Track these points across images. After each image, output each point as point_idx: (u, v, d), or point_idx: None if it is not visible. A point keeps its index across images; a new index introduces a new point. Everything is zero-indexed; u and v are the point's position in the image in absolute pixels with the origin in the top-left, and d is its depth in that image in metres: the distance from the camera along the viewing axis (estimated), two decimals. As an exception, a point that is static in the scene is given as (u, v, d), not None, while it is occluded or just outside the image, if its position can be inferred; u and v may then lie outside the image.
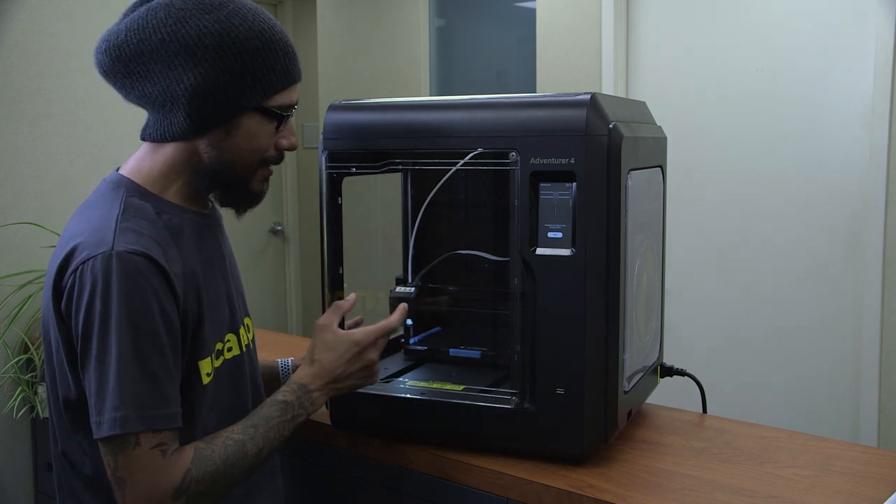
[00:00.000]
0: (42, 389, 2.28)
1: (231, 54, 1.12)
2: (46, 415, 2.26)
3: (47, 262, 2.53)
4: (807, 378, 2.84)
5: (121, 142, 2.60)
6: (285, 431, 1.21)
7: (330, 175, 1.42)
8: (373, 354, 1.29)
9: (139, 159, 1.21)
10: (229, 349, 1.25)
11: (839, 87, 2.73)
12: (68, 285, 1.09)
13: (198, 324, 1.16)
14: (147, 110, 1.19)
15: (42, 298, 1.19)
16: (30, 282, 2.30)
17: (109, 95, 1.23)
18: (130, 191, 1.17)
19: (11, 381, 2.31)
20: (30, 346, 2.30)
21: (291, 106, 1.21)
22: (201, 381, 1.17)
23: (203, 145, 1.17)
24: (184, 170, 1.19)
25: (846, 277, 2.75)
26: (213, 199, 1.26)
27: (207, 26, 1.11)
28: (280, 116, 1.19)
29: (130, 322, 1.05)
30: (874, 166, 2.62)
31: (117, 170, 1.23)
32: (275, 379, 1.48)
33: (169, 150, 1.18)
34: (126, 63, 1.15)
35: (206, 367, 1.18)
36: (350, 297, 1.37)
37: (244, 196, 1.24)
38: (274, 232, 4.72)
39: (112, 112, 2.57)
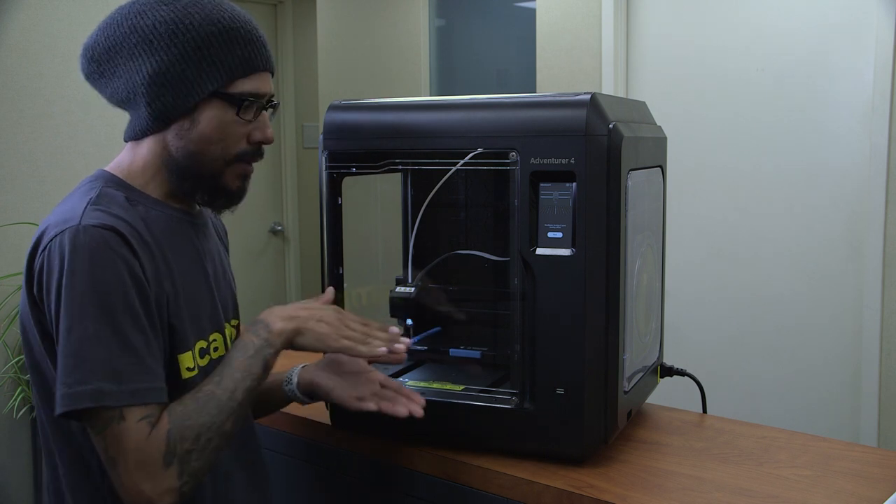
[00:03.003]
0: (42, 389, 2.28)
1: (184, 40, 1.13)
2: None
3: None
4: (807, 378, 2.84)
5: (121, 142, 2.60)
6: (255, 369, 1.16)
7: (330, 175, 1.42)
8: (330, 310, 1.26)
9: (121, 157, 1.23)
10: (215, 349, 1.23)
11: (839, 87, 2.73)
12: (38, 267, 1.08)
13: (173, 315, 1.14)
14: (125, 110, 1.21)
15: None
16: (30, 282, 2.30)
17: (109, 95, 1.24)
18: (108, 183, 1.17)
19: (11, 381, 2.32)
20: (30, 346, 2.30)
21: (259, 95, 1.18)
22: (181, 376, 1.15)
23: (170, 137, 1.17)
24: (160, 165, 1.19)
25: (846, 277, 2.75)
26: (196, 200, 1.24)
27: (164, 16, 1.13)
28: (239, 101, 1.16)
29: (102, 294, 1.04)
30: (874, 166, 2.62)
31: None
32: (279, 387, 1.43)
33: (145, 146, 1.19)
34: (98, 62, 1.17)
35: (186, 361, 1.16)
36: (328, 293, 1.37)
37: (218, 192, 1.20)
38: (274, 232, 4.72)
39: (112, 112, 2.55)
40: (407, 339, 1.30)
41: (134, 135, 1.19)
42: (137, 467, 1.03)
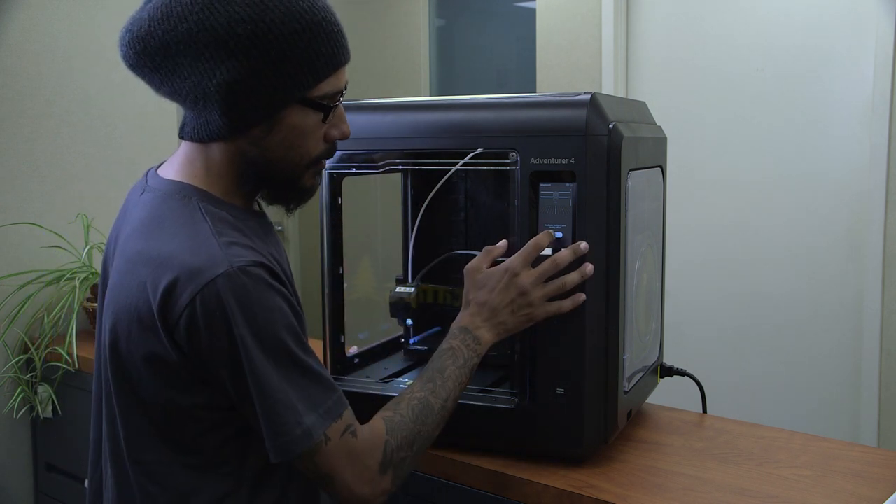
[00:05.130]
0: (42, 389, 2.28)
1: (267, 43, 0.99)
2: (46, 415, 2.27)
3: (47, 263, 2.52)
4: (807, 378, 2.84)
5: (121, 141, 2.60)
6: (464, 378, 1.20)
7: (330, 175, 1.42)
8: (525, 280, 1.23)
9: (188, 161, 1.11)
10: None
11: (839, 86, 2.74)
12: (185, 316, 0.98)
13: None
14: (182, 106, 1.08)
15: (109, 322, 1.07)
16: (30, 282, 2.30)
17: (109, 95, 1.21)
18: (203, 199, 1.07)
19: (11, 381, 2.32)
20: (30, 346, 2.30)
21: (340, 92, 1.09)
22: None
23: (245, 144, 1.06)
24: (236, 173, 1.09)
25: (846, 277, 2.75)
26: (259, 197, 1.17)
27: (238, 12, 0.98)
28: (327, 107, 1.07)
29: (277, 334, 1.01)
30: (874, 166, 2.62)
31: (155, 169, 1.14)
32: None
33: (217, 151, 1.08)
34: (152, 57, 1.02)
35: None
36: (501, 243, 1.30)
37: (294, 193, 1.14)
38: (274, 232, 4.72)
39: (112, 112, 2.56)
40: (584, 245, 1.25)
41: (199, 138, 1.06)
42: (356, 478, 1.04)
